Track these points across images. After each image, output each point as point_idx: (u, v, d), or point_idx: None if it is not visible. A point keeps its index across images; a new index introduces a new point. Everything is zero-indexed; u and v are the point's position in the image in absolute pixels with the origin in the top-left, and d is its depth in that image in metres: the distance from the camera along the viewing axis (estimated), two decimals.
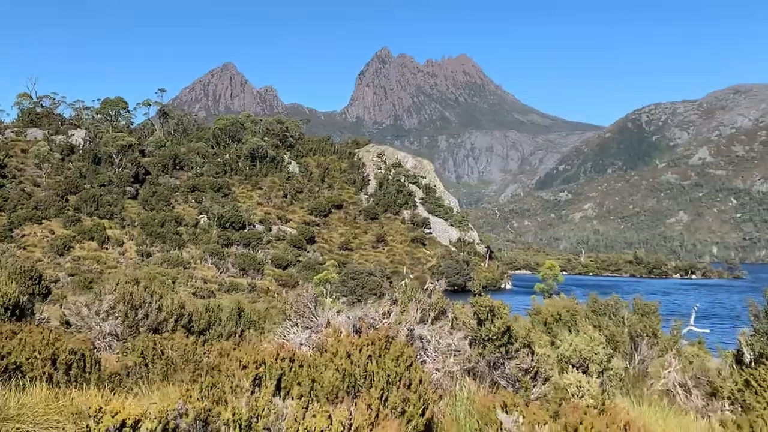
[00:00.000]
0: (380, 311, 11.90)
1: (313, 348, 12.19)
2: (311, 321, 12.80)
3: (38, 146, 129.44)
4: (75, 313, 19.85)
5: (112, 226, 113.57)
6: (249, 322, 21.97)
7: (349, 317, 12.01)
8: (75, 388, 12.49)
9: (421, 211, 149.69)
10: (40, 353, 11.60)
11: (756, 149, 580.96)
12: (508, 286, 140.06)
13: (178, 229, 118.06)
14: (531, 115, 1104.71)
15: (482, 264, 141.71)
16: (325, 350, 10.86)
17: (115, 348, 18.61)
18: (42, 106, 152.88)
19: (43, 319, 20.15)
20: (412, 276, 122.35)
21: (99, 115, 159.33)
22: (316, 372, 9.67)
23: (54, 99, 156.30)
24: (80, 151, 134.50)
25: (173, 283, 65.26)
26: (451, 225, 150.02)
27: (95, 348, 15.76)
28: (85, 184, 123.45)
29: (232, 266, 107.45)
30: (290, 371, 9.61)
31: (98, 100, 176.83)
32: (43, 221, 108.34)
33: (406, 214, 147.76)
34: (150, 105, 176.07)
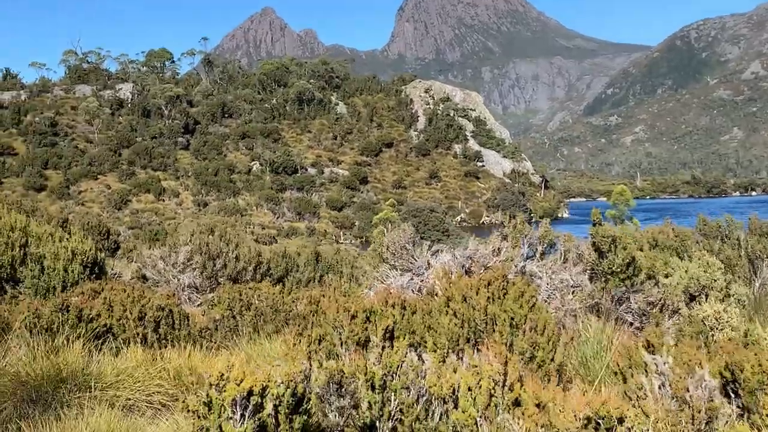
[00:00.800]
0: (489, 248, 11.02)
1: (417, 292, 11.43)
2: (410, 263, 12.01)
3: (87, 102, 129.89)
4: (151, 267, 19.27)
5: (167, 178, 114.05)
6: (327, 266, 21.26)
7: (456, 257, 11.15)
8: (166, 346, 11.91)
9: (473, 144, 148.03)
10: (131, 313, 10.99)
11: None
12: (566, 215, 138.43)
13: (231, 177, 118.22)
14: (576, 40, 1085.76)
15: (538, 194, 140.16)
16: (436, 294, 10.08)
17: (195, 300, 18.08)
18: (88, 62, 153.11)
19: (115, 274, 19.65)
20: (467, 210, 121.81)
21: (145, 68, 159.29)
22: (431, 318, 8.89)
23: (99, 54, 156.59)
24: (129, 105, 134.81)
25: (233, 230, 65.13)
26: (504, 156, 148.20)
27: (179, 302, 15.21)
28: (136, 137, 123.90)
29: (288, 211, 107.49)
30: (402, 319, 8.86)
31: (142, 53, 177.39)
32: (98, 177, 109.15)
33: (457, 148, 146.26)
34: (194, 54, 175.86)
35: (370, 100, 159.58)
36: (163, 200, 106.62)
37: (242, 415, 4.82)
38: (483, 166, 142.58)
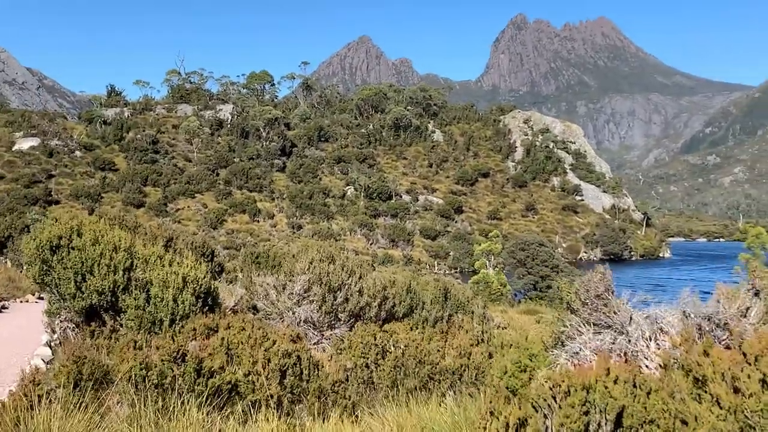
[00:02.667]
0: (733, 305, 8.36)
1: (622, 357, 8.85)
2: (609, 317, 9.42)
3: (188, 122, 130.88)
4: (263, 296, 17.00)
5: (262, 199, 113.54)
6: (458, 304, 18.77)
7: (688, 315, 8.50)
8: (295, 402, 9.68)
9: (572, 177, 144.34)
10: (262, 367, 8.75)
11: None
12: (668, 255, 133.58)
13: (325, 200, 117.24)
14: (674, 77, 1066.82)
15: (638, 232, 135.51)
16: (665, 366, 7.48)
17: (311, 338, 15.74)
18: (191, 83, 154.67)
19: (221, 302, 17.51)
20: (564, 245, 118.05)
21: (245, 90, 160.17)
22: (678, 404, 6.29)
23: (202, 75, 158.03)
24: (228, 126, 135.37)
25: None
26: (604, 191, 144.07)
27: (304, 343, 12.86)
28: (234, 157, 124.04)
29: (382, 237, 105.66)
30: (635, 401, 6.31)
31: (243, 75, 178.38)
32: (195, 195, 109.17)
33: (555, 181, 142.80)
34: (294, 78, 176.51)
35: (468, 129, 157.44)
36: (258, 221, 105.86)
37: None
38: (582, 200, 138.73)
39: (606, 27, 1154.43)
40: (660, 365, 7.44)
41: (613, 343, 9.04)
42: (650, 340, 8.97)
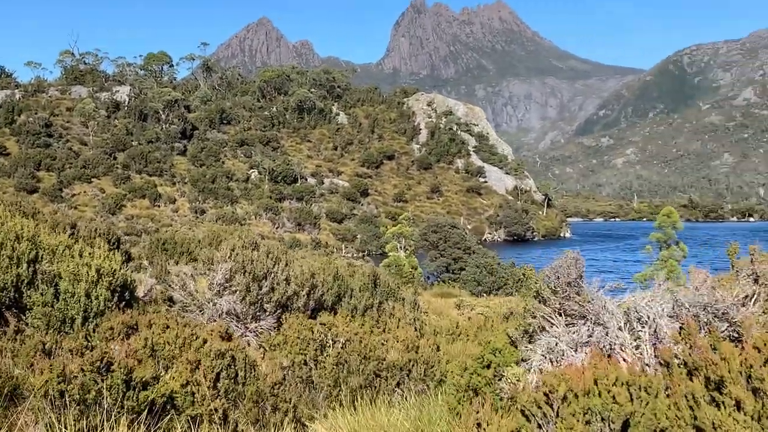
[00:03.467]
0: (732, 294, 7.48)
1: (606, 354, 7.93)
2: (583, 307, 8.47)
3: (83, 104, 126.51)
4: (179, 287, 15.63)
5: (162, 183, 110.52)
6: (387, 291, 17.71)
7: (682, 304, 7.58)
8: (232, 409, 8.54)
9: (475, 159, 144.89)
10: (204, 376, 7.52)
11: None
12: (568, 235, 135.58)
13: (229, 184, 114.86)
14: (569, 61, 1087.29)
15: (540, 212, 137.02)
16: (667, 364, 6.56)
17: (235, 331, 14.52)
18: (85, 63, 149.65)
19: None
20: (469, 227, 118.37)
21: (143, 71, 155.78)
22: (693, 410, 5.38)
23: (97, 56, 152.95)
24: (126, 108, 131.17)
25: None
26: (507, 173, 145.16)
27: (229, 337, 11.58)
28: (132, 141, 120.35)
29: (288, 221, 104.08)
30: (642, 406, 5.43)
31: (140, 56, 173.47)
32: (92, 180, 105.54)
33: (459, 163, 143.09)
34: (194, 60, 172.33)
35: (372, 112, 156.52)
36: (159, 206, 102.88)
37: None
38: (485, 182, 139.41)
39: (503, 11, 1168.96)
40: (661, 362, 6.51)
41: (590, 336, 8.11)
42: (627, 330, 8.05)
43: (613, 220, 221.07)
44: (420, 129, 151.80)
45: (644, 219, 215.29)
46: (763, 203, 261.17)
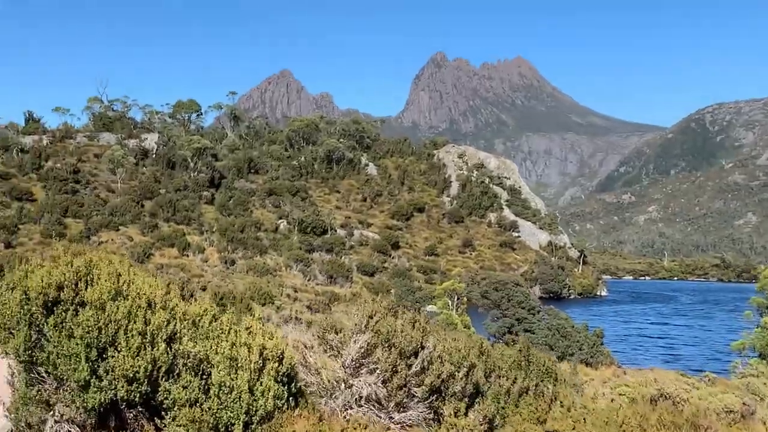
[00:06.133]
0: None
1: None
2: None
3: (111, 150, 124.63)
4: (297, 363, 12.36)
5: (190, 232, 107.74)
6: (542, 370, 14.44)
7: None
8: None
9: (508, 213, 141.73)
10: None
11: None
12: (604, 293, 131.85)
13: (257, 234, 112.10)
14: (589, 117, 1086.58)
15: (575, 270, 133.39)
16: None
17: (375, 421, 11.27)
18: (113, 110, 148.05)
19: None
20: None
21: (171, 119, 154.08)
22: None
23: (125, 103, 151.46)
24: (154, 156, 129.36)
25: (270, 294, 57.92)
26: (540, 228, 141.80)
27: None
28: (160, 189, 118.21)
29: (320, 273, 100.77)
30: None
31: (167, 104, 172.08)
32: (119, 227, 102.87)
33: (492, 217, 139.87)
34: (221, 108, 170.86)
35: (401, 163, 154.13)
36: (188, 255, 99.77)
37: None
38: (519, 236, 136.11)
39: (523, 67, 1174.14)
40: None
41: None
42: None
43: (643, 278, 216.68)
44: (451, 181, 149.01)
45: (675, 278, 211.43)
46: None
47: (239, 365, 7.26)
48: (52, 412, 7.75)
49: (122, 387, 6.99)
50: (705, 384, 23.31)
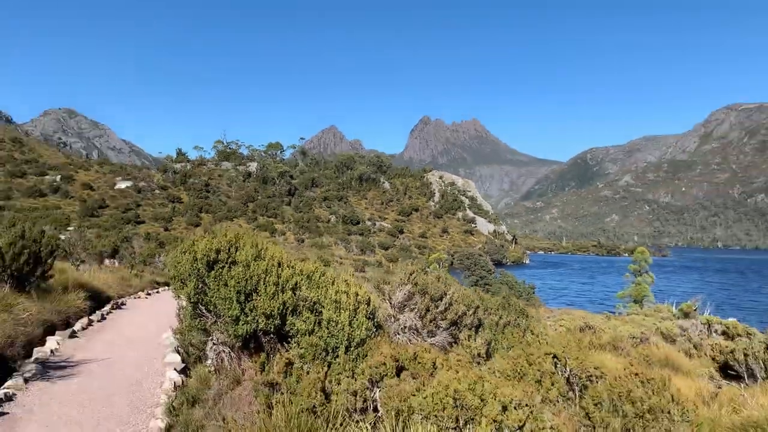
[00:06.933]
0: None
1: None
2: None
3: (229, 172, 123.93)
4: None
5: (276, 223, 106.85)
6: (518, 309, 13.46)
7: None
8: None
9: (469, 213, 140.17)
10: None
11: (660, 176, 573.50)
12: (528, 261, 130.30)
13: (317, 224, 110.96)
14: (516, 155, 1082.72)
15: (510, 247, 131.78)
16: None
17: (415, 344, 10.21)
18: (229, 149, 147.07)
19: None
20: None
21: (264, 154, 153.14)
22: None
23: (237, 143, 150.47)
24: (254, 176, 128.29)
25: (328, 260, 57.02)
26: (489, 222, 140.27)
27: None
28: (258, 196, 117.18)
29: (356, 247, 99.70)
30: None
31: (262, 144, 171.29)
32: (234, 219, 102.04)
33: (459, 215, 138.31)
34: (295, 147, 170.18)
35: (404, 181, 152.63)
36: (275, 237, 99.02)
37: None
38: (476, 227, 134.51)
39: (477, 124, 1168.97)
40: None
41: None
42: None
43: (550, 252, 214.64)
44: (434, 192, 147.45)
45: (569, 253, 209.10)
46: (640, 245, 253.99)
47: (341, 306, 6.26)
48: (210, 337, 6.85)
49: (262, 321, 6.09)
50: (607, 319, 22.22)
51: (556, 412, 5.89)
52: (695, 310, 24.52)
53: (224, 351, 6.57)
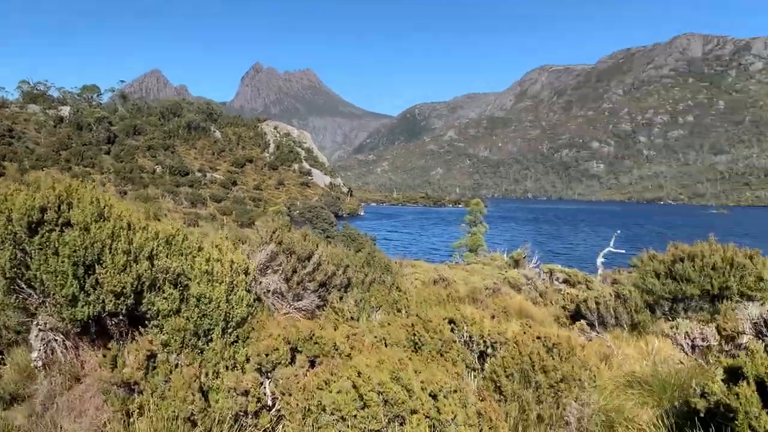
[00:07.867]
0: None
1: None
2: None
3: (37, 116, 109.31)
4: None
5: (93, 173, 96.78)
6: (383, 266, 12.95)
7: None
8: None
9: (305, 164, 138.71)
10: None
11: (480, 132, 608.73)
12: (363, 213, 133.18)
13: (141, 175, 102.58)
14: (350, 108, 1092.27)
15: (346, 199, 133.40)
16: None
17: (280, 309, 9.28)
18: (37, 89, 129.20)
19: None
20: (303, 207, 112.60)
21: (78, 97, 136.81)
22: None
23: (45, 84, 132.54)
24: (67, 121, 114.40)
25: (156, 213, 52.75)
26: (325, 174, 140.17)
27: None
28: (72, 143, 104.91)
29: (185, 200, 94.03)
30: None
31: (75, 87, 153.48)
32: (44, 169, 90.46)
33: (296, 166, 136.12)
34: (113, 91, 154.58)
35: (237, 131, 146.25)
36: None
37: None
38: (312, 179, 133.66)
39: (310, 75, 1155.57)
40: None
41: None
42: None
43: (382, 204, 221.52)
44: (269, 143, 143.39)
45: (400, 204, 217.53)
46: (462, 197, 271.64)
47: (215, 278, 5.06)
48: (36, 322, 5.27)
49: (110, 301, 4.70)
50: (451, 269, 22.83)
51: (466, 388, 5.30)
52: (525, 257, 26.26)
53: (56, 339, 5.07)
